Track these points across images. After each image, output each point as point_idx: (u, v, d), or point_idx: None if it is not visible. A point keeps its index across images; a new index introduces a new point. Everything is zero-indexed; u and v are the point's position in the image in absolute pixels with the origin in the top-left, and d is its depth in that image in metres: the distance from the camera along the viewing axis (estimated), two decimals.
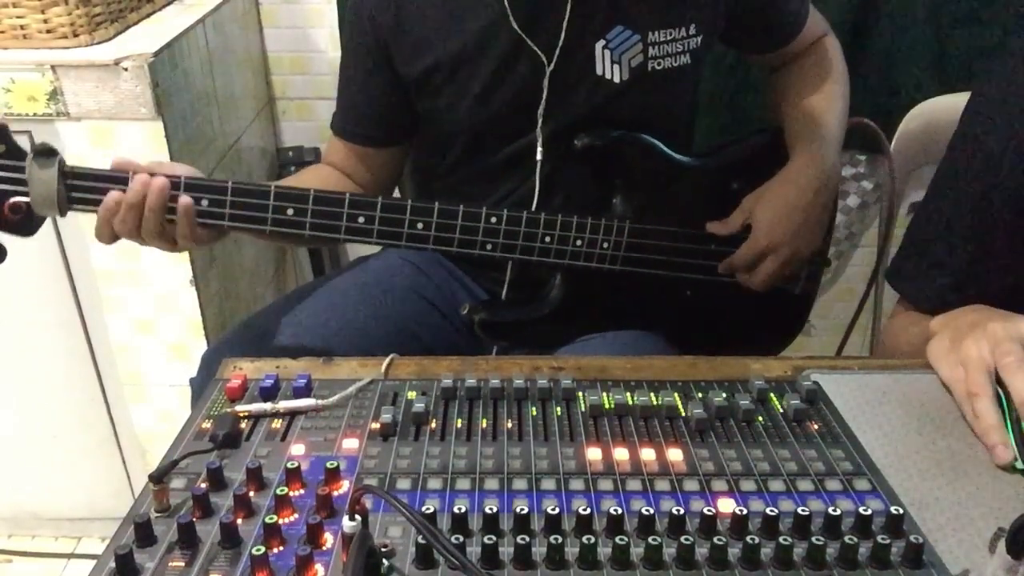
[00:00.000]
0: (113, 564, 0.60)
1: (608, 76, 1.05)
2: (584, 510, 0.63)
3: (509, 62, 1.04)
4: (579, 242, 1.04)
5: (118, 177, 0.91)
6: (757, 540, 0.61)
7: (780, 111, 1.19)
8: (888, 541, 0.61)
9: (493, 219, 1.01)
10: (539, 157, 1.08)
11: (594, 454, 0.73)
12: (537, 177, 1.09)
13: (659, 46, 1.06)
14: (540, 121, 1.06)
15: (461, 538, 0.62)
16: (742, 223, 1.10)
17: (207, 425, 0.76)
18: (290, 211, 0.95)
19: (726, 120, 1.75)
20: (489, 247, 1.02)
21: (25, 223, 0.91)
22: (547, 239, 1.03)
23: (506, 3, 1.02)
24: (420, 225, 0.99)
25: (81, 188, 0.90)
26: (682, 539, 0.61)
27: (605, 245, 1.05)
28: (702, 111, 1.72)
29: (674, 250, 1.10)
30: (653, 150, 1.10)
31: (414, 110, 1.13)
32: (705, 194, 1.13)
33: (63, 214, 0.91)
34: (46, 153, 0.88)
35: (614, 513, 0.64)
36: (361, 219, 0.98)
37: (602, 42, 1.04)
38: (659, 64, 1.06)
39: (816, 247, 1.14)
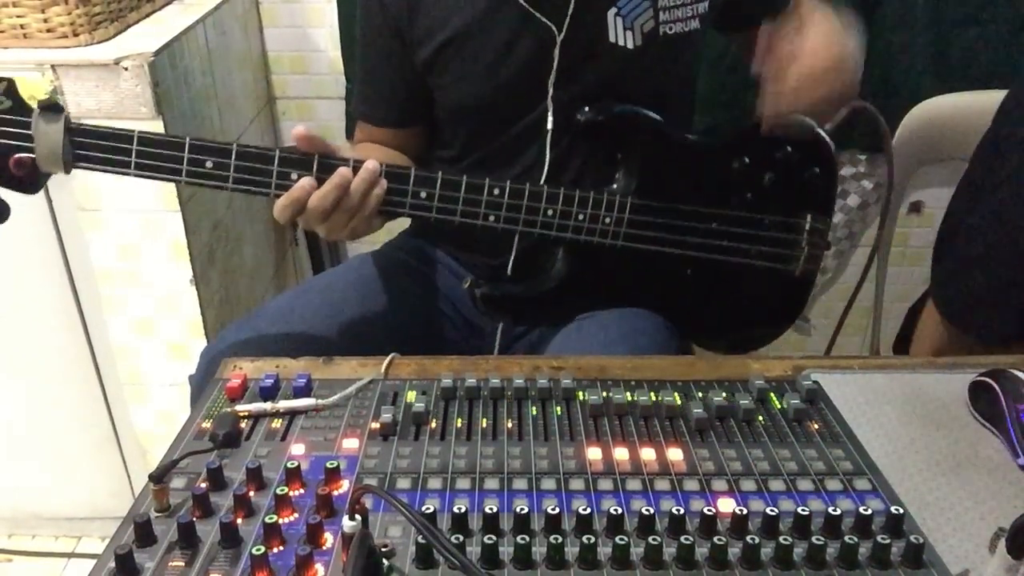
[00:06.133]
0: (113, 564, 0.60)
1: (621, 43, 1.06)
2: (584, 510, 0.63)
3: (516, 35, 1.05)
4: (581, 216, 1.05)
5: (124, 135, 0.90)
6: (757, 540, 0.61)
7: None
8: (888, 541, 0.61)
9: (496, 191, 1.01)
10: (550, 126, 1.08)
11: (594, 454, 0.73)
12: (547, 147, 1.09)
13: (669, 11, 1.07)
14: (551, 91, 1.07)
15: (461, 538, 0.62)
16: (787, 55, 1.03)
17: (207, 425, 0.76)
18: (294, 175, 0.94)
19: (726, 120, 1.75)
20: (492, 219, 1.02)
21: (30, 180, 0.90)
22: (549, 212, 1.04)
23: None
24: (423, 194, 0.99)
25: (87, 145, 0.89)
26: (682, 539, 0.61)
27: (607, 220, 1.06)
28: (701, 109, 1.72)
29: (675, 227, 1.10)
30: (655, 126, 1.10)
31: (429, 91, 1.14)
32: (706, 171, 1.13)
33: (68, 171, 0.90)
34: (52, 108, 0.88)
35: (614, 513, 0.64)
36: None
37: (614, 9, 1.05)
38: (671, 28, 1.07)
39: (847, 95, 1.07)
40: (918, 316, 1.27)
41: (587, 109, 1.06)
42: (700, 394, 0.82)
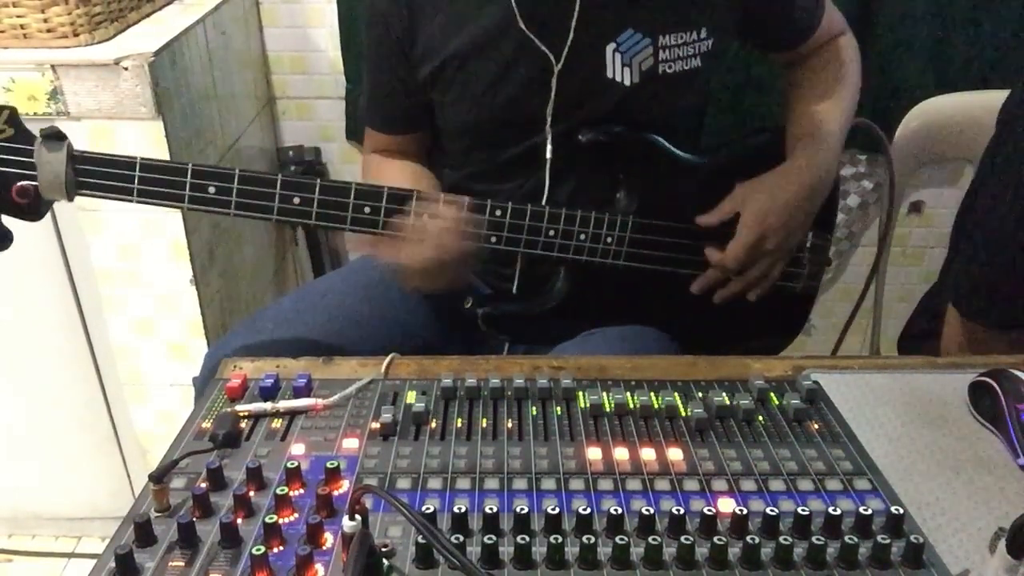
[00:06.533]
0: (113, 564, 0.60)
1: (618, 79, 1.06)
2: (584, 510, 0.63)
3: (515, 61, 1.05)
4: (583, 236, 1.05)
5: (126, 162, 0.91)
6: (757, 540, 0.61)
7: (786, 108, 1.20)
8: (888, 541, 0.61)
9: (498, 212, 1.02)
10: (549, 156, 1.08)
11: (594, 454, 0.73)
12: (547, 176, 1.09)
13: (670, 49, 1.06)
14: (549, 120, 1.07)
15: (461, 538, 0.62)
16: (730, 211, 1.10)
17: (207, 425, 0.76)
18: (296, 200, 0.94)
19: (728, 120, 1.75)
20: (494, 240, 1.03)
21: (32, 207, 0.90)
22: (551, 233, 1.04)
23: (513, 3, 1.02)
24: (426, 216, 0.99)
25: (89, 173, 0.90)
26: (682, 539, 0.61)
27: (609, 240, 1.06)
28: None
29: (676, 246, 1.10)
30: (656, 147, 1.10)
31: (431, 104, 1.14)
32: (706, 192, 1.13)
33: (71, 199, 0.91)
34: (54, 137, 0.88)
35: (614, 513, 0.64)
36: (367, 209, 0.97)
37: (612, 45, 1.05)
38: (670, 67, 1.07)
39: (796, 247, 1.15)
40: (925, 313, 1.28)
41: (588, 129, 1.06)
42: (700, 394, 0.82)
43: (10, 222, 0.91)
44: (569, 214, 1.04)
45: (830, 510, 0.64)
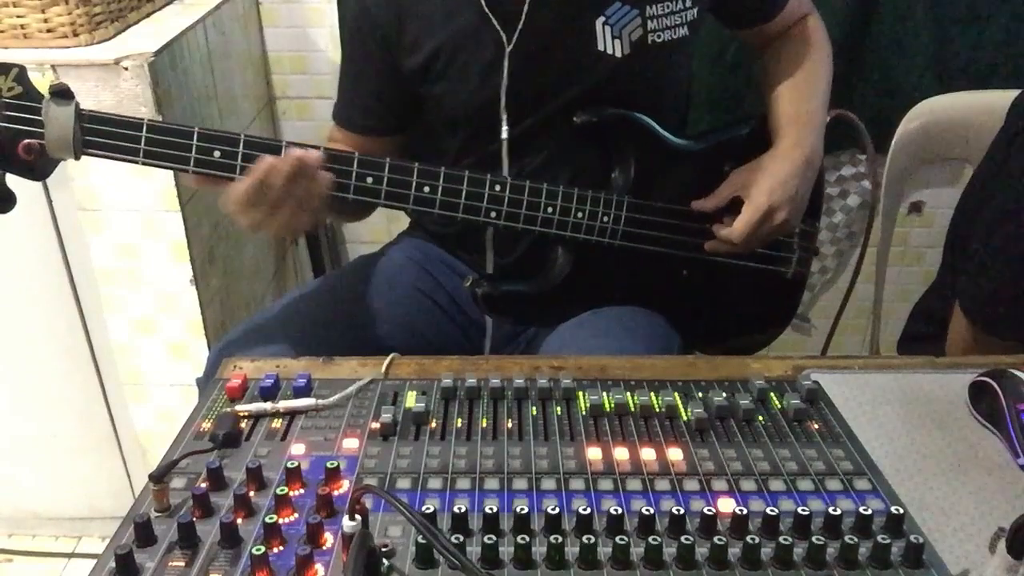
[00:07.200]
0: (113, 564, 0.60)
1: (609, 51, 1.07)
2: (584, 510, 0.63)
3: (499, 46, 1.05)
4: (580, 214, 1.06)
5: (133, 123, 0.91)
6: (757, 540, 0.61)
7: (765, 92, 1.21)
8: (888, 541, 0.61)
9: (497, 187, 1.02)
10: (504, 136, 1.08)
11: (594, 454, 0.73)
12: (505, 157, 1.09)
13: (658, 19, 1.08)
14: (503, 99, 1.06)
15: (461, 538, 0.62)
16: (729, 196, 1.11)
17: (207, 425, 0.76)
18: None
19: (727, 120, 1.75)
20: (493, 215, 1.03)
21: (37, 165, 0.91)
22: (549, 210, 1.05)
23: None
24: (427, 188, 1.00)
25: (96, 132, 0.90)
26: (682, 539, 0.61)
27: (605, 219, 1.07)
28: (702, 109, 1.72)
29: (671, 227, 1.11)
30: (650, 130, 1.11)
31: (414, 102, 1.14)
32: (699, 175, 1.15)
33: (77, 157, 0.91)
34: (63, 94, 0.89)
35: (614, 513, 0.64)
36: (369, 179, 0.98)
37: (602, 18, 1.06)
38: (659, 37, 1.08)
39: (797, 226, 1.16)
40: (924, 319, 1.27)
41: (582, 111, 1.07)
42: (700, 394, 0.82)
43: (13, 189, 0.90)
44: (566, 192, 1.05)
45: (830, 510, 0.64)
